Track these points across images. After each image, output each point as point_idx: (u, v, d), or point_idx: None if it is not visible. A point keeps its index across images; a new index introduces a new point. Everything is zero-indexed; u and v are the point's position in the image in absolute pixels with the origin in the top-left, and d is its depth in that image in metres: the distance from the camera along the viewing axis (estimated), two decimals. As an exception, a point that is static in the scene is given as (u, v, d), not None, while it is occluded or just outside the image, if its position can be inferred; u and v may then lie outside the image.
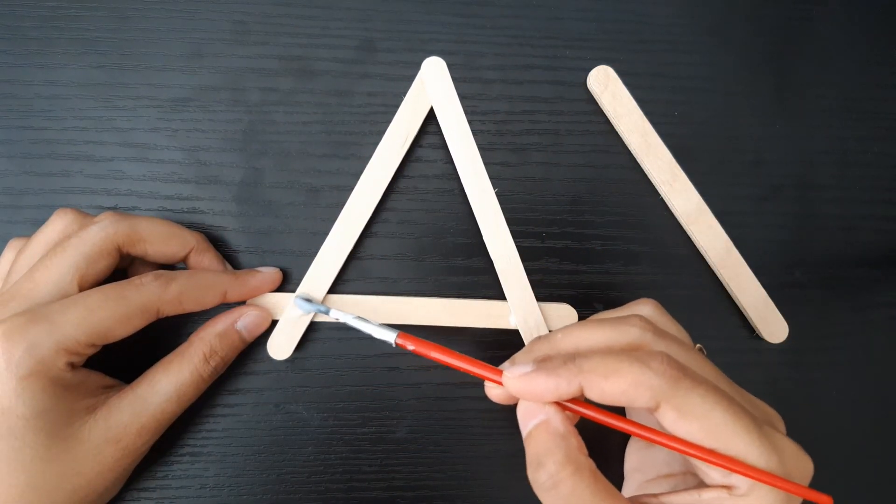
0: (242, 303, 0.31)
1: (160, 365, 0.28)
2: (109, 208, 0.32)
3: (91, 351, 0.26)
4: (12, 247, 0.29)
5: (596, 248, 0.34)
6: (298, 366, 0.32)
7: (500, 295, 0.32)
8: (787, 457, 0.21)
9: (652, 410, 0.21)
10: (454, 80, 0.33)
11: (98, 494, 0.26)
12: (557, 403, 0.23)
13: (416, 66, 0.32)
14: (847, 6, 0.37)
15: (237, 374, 0.32)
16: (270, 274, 0.31)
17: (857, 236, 0.35)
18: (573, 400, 0.23)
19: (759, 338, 0.34)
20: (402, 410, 0.33)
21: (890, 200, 0.36)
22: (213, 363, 0.29)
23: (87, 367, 0.27)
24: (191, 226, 0.32)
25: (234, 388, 0.32)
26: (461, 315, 0.32)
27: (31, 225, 0.32)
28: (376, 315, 0.32)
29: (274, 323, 0.32)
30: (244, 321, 0.30)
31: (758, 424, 0.21)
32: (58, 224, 0.28)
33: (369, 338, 0.27)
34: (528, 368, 0.22)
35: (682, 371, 0.21)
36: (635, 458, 0.29)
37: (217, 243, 0.32)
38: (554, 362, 0.22)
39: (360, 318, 0.27)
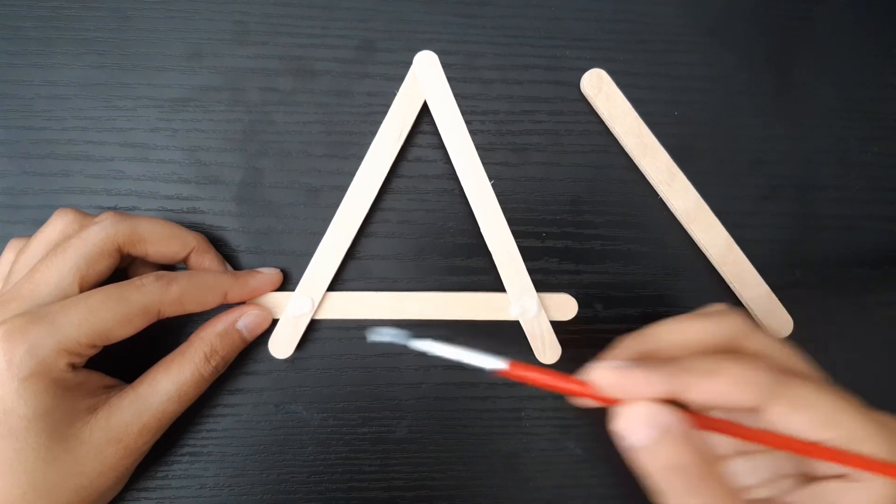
0: (242, 302, 0.31)
1: (161, 364, 0.28)
2: (109, 208, 0.32)
3: (92, 352, 0.26)
4: (12, 247, 0.29)
5: (596, 248, 0.34)
6: (298, 366, 0.32)
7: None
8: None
9: (752, 411, 0.20)
10: (454, 80, 0.33)
11: (100, 494, 0.26)
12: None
13: (417, 66, 0.32)
14: (847, 6, 0.37)
15: (237, 374, 0.32)
16: (271, 275, 0.31)
17: (857, 236, 0.35)
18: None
19: (759, 337, 0.34)
20: (402, 410, 0.33)
21: (890, 200, 0.36)
22: (213, 363, 0.29)
23: (87, 367, 0.27)
24: (191, 226, 0.32)
25: (234, 388, 0.32)
26: (461, 308, 0.32)
27: (31, 225, 0.32)
28: (377, 311, 0.32)
29: (274, 322, 0.32)
30: (245, 320, 0.30)
31: (866, 411, 0.21)
32: (58, 224, 0.28)
33: (468, 365, 0.24)
34: (622, 363, 0.21)
35: (789, 371, 0.21)
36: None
37: (217, 243, 0.32)
38: (651, 361, 0.21)
39: (458, 348, 0.23)
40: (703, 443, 0.20)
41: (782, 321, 0.33)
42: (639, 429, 0.20)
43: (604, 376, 0.21)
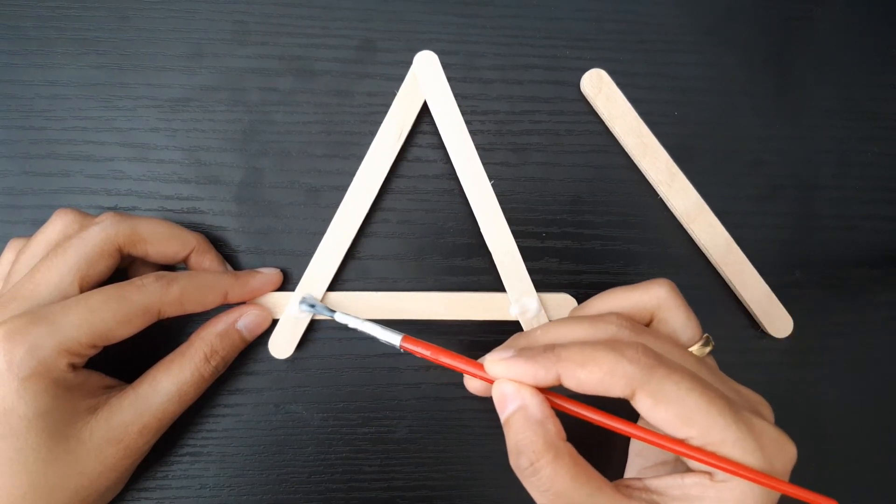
0: (243, 302, 0.31)
1: (161, 365, 0.28)
2: (109, 208, 0.32)
3: (92, 352, 0.26)
4: (12, 247, 0.29)
5: (596, 248, 0.34)
6: (298, 366, 0.32)
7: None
8: (766, 441, 0.21)
9: (629, 399, 0.21)
10: (454, 80, 0.33)
11: (100, 494, 0.26)
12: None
13: (417, 67, 0.32)
14: (847, 6, 0.37)
15: (237, 374, 0.32)
16: (271, 275, 0.31)
17: (857, 236, 0.35)
18: (552, 393, 0.23)
19: (761, 336, 0.34)
20: (402, 410, 0.33)
21: (890, 200, 0.36)
22: (213, 363, 0.29)
23: (87, 367, 0.27)
24: (191, 226, 0.32)
25: (234, 388, 0.32)
26: (462, 308, 0.32)
27: (31, 225, 0.32)
28: (377, 311, 0.32)
29: (274, 322, 0.32)
30: (245, 320, 0.30)
31: (735, 409, 0.21)
32: (58, 224, 0.28)
33: (371, 337, 0.27)
34: (509, 354, 0.23)
35: (657, 359, 0.21)
36: (637, 444, 0.30)
37: (217, 243, 0.32)
38: (534, 350, 0.23)
39: (365, 320, 0.27)
40: (547, 427, 0.22)
41: (782, 321, 0.33)
42: (504, 403, 0.23)
43: (493, 366, 0.23)
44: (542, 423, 0.22)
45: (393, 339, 0.26)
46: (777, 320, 0.33)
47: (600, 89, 0.34)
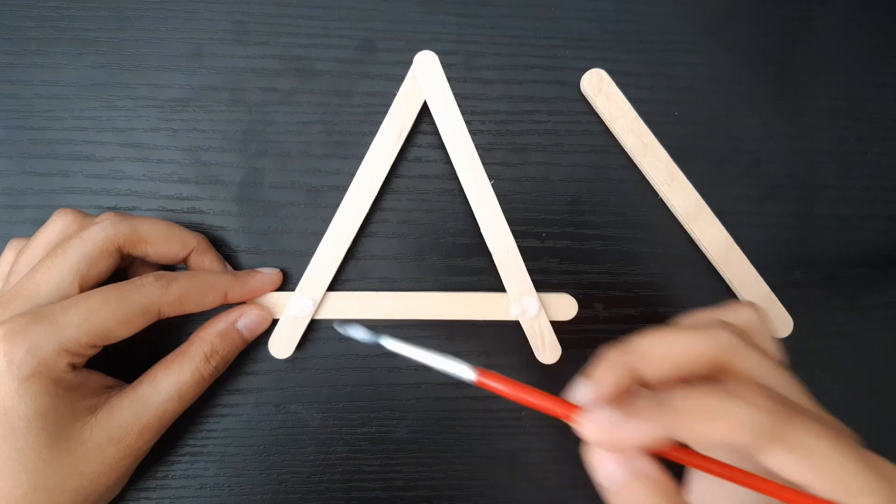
0: (243, 302, 0.31)
1: (161, 364, 0.28)
2: (109, 208, 0.32)
3: (92, 352, 0.26)
4: (12, 247, 0.29)
5: (596, 248, 0.34)
6: (298, 366, 0.32)
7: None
8: (890, 478, 0.19)
9: (748, 450, 0.19)
10: (454, 80, 0.33)
11: (100, 494, 0.26)
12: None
13: (417, 67, 0.32)
14: (847, 6, 0.37)
15: (237, 374, 0.32)
16: (271, 275, 0.31)
17: (857, 236, 0.35)
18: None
19: (758, 338, 0.34)
20: (402, 410, 0.33)
21: (890, 200, 0.36)
22: (213, 363, 0.29)
23: (88, 367, 0.27)
24: (191, 226, 0.32)
25: (234, 388, 0.32)
26: (461, 308, 0.32)
27: (31, 225, 0.32)
28: (377, 311, 0.32)
29: (274, 322, 0.32)
30: (245, 320, 0.30)
31: (866, 458, 0.19)
32: (58, 224, 0.28)
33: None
34: (611, 418, 0.19)
35: (788, 405, 0.19)
36: (706, 490, 0.25)
37: (217, 243, 0.32)
38: (640, 405, 0.19)
39: (429, 351, 0.23)
40: (670, 486, 0.19)
41: (782, 321, 0.33)
42: (609, 467, 0.20)
43: (595, 433, 0.20)
44: (660, 483, 0.19)
45: (465, 373, 0.21)
46: (777, 320, 0.33)
47: (600, 89, 0.34)
